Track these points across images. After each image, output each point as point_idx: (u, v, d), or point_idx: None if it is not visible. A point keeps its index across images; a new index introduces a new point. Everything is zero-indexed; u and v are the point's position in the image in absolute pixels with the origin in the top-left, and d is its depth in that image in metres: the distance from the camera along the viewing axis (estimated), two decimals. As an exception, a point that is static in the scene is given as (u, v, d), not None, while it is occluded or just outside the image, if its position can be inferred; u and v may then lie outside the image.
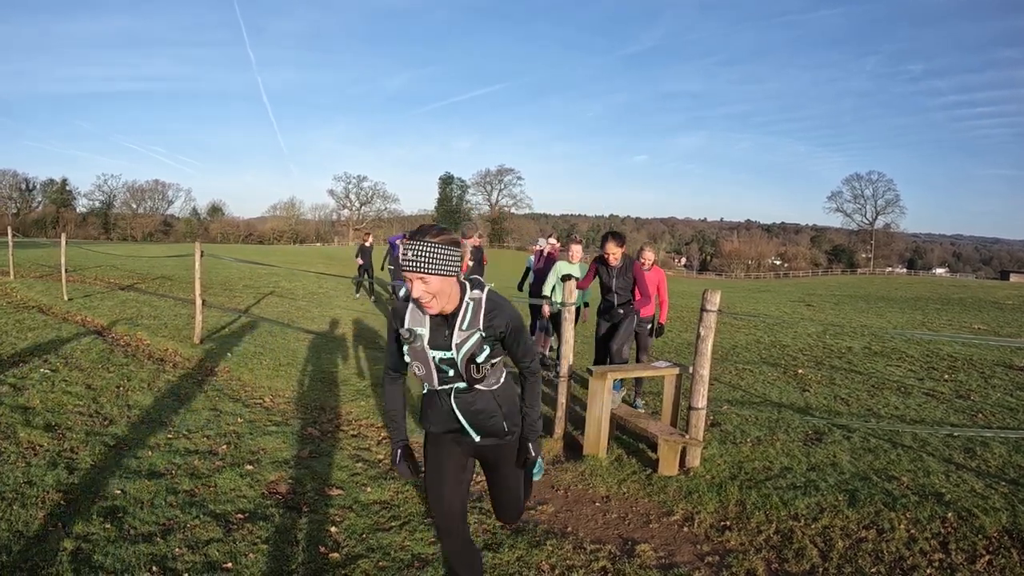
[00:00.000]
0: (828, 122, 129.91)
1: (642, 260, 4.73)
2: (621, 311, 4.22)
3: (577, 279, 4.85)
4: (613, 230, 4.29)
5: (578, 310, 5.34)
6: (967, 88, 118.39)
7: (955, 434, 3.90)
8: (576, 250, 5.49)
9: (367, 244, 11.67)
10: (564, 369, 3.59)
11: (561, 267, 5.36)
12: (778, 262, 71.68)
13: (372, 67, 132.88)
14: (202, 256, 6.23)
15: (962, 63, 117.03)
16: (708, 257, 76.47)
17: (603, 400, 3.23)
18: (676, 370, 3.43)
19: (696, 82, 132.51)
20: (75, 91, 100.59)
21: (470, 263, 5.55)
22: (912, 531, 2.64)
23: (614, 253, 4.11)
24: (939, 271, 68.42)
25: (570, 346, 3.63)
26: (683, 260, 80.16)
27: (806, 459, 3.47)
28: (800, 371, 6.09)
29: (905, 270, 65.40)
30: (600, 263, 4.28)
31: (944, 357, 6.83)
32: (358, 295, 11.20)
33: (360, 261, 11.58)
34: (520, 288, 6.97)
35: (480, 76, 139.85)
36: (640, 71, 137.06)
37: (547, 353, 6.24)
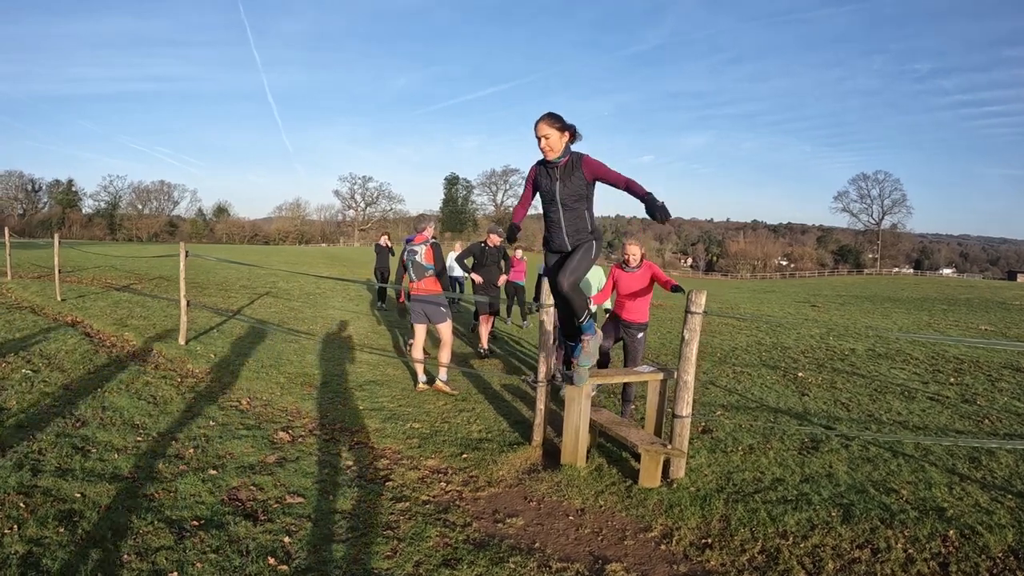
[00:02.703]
0: (834, 121, 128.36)
1: (626, 257, 4.14)
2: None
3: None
4: (549, 111, 2.64)
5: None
6: (974, 87, 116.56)
7: (959, 443, 3.70)
8: None
9: (383, 243, 10.18)
10: (542, 373, 3.42)
11: None
12: (784, 262, 71.02)
13: (378, 67, 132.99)
14: (187, 256, 6.15)
15: (969, 62, 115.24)
16: (714, 257, 75.92)
17: (580, 407, 3.07)
18: (660, 375, 3.26)
19: (702, 81, 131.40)
20: (80, 92, 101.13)
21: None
22: (910, 551, 2.46)
23: (548, 136, 2.59)
24: (946, 271, 67.55)
25: (549, 350, 3.46)
26: (689, 260, 79.67)
27: (800, 469, 3.29)
28: (800, 374, 5.90)
29: (912, 270, 64.62)
30: (540, 166, 2.77)
31: (950, 359, 6.61)
32: (381, 304, 9.96)
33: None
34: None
35: (486, 76, 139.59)
36: (646, 70, 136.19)
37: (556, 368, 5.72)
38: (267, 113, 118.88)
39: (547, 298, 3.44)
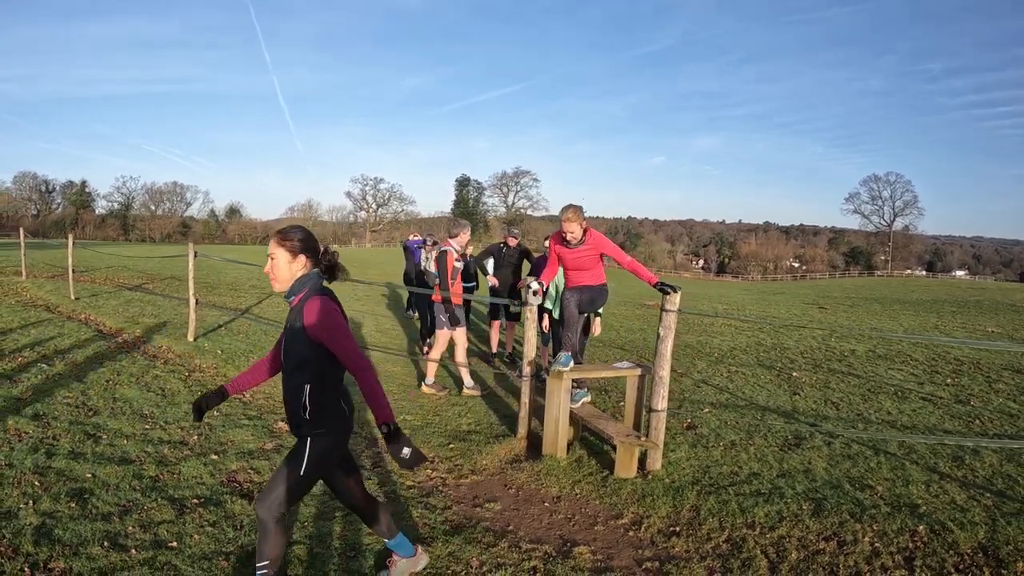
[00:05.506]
0: (845, 121, 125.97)
1: (564, 233, 3.56)
2: None
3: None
4: (290, 226, 2.03)
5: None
6: (986, 87, 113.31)
7: (946, 442, 3.74)
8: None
9: (413, 242, 8.53)
10: (526, 369, 3.55)
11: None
12: (795, 264, 70.23)
13: (388, 68, 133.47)
14: (195, 256, 6.38)
15: (982, 62, 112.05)
16: (726, 259, 75.28)
17: (559, 400, 3.18)
18: (638, 371, 3.36)
19: (712, 82, 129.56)
20: (92, 94, 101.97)
21: (456, 263, 5.14)
22: (876, 544, 2.52)
23: (273, 256, 1.93)
24: (959, 273, 66.23)
25: (532, 345, 3.58)
26: (701, 262, 79.14)
27: (778, 465, 3.36)
28: (795, 374, 5.93)
29: (924, 272, 63.53)
30: None
31: (950, 360, 6.58)
32: (409, 312, 9.14)
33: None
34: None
35: (497, 76, 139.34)
36: (656, 70, 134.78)
37: (546, 364, 5.31)
38: (278, 114, 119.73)
39: (529, 296, 3.56)
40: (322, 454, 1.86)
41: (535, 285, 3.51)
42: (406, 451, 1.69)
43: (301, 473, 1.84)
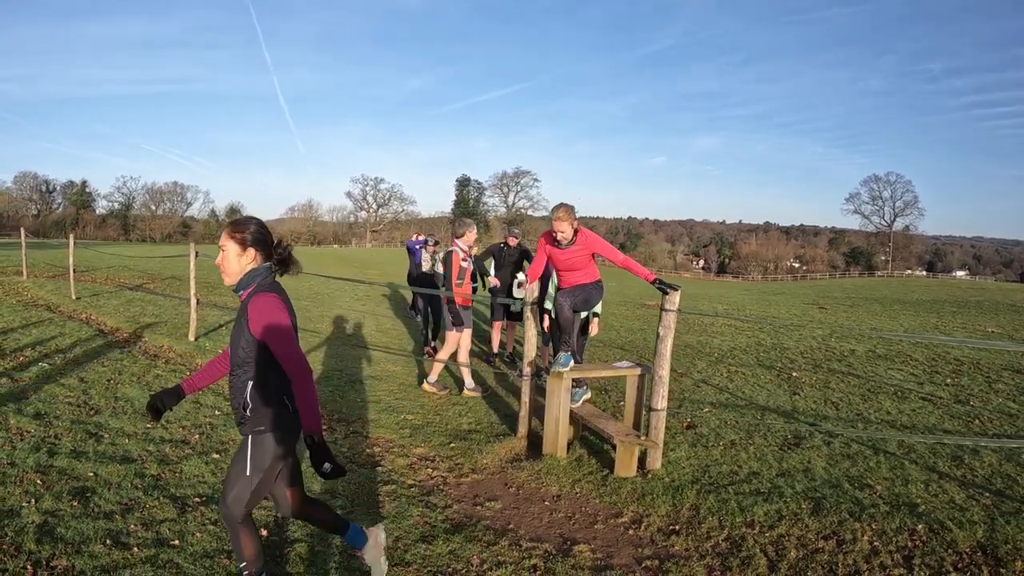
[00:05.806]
0: (846, 122, 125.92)
1: (554, 233, 3.40)
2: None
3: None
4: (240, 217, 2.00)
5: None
6: (986, 87, 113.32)
7: (946, 441, 3.75)
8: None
9: (415, 243, 7.98)
10: (526, 368, 3.56)
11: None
12: (796, 264, 70.32)
13: (388, 68, 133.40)
14: (196, 256, 6.39)
15: (981, 62, 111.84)
16: (726, 259, 75.31)
17: (560, 400, 3.20)
18: (638, 370, 3.37)
19: (713, 82, 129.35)
20: (93, 94, 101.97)
21: (463, 263, 5.02)
22: (875, 543, 2.53)
23: (223, 249, 1.89)
24: (959, 274, 66.34)
25: (532, 345, 3.59)
26: (701, 262, 79.22)
27: (777, 464, 3.37)
28: (795, 374, 5.94)
29: (925, 273, 63.62)
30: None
31: (950, 360, 6.59)
32: (411, 312, 9.09)
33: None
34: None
35: (497, 77, 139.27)
36: (656, 70, 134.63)
37: (546, 364, 5.12)
38: (279, 114, 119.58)
39: (528, 296, 3.57)
40: (263, 452, 1.81)
41: (520, 276, 3.53)
42: (327, 466, 1.72)
43: (247, 473, 1.80)
